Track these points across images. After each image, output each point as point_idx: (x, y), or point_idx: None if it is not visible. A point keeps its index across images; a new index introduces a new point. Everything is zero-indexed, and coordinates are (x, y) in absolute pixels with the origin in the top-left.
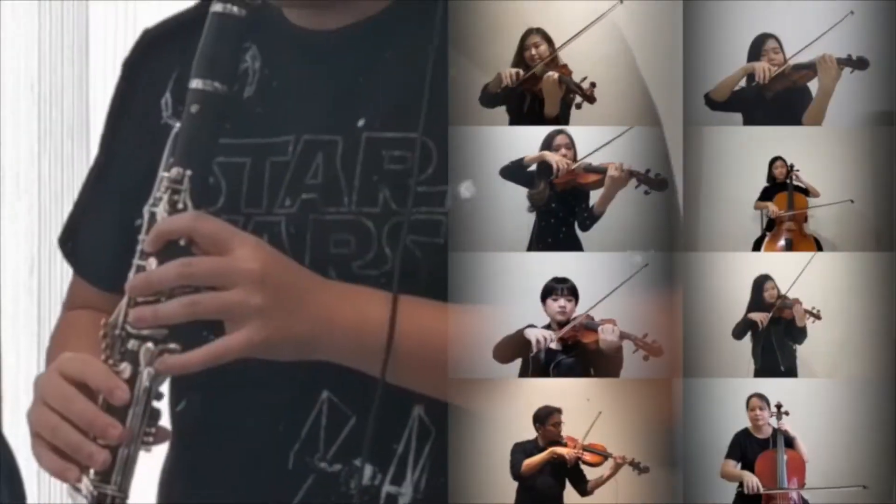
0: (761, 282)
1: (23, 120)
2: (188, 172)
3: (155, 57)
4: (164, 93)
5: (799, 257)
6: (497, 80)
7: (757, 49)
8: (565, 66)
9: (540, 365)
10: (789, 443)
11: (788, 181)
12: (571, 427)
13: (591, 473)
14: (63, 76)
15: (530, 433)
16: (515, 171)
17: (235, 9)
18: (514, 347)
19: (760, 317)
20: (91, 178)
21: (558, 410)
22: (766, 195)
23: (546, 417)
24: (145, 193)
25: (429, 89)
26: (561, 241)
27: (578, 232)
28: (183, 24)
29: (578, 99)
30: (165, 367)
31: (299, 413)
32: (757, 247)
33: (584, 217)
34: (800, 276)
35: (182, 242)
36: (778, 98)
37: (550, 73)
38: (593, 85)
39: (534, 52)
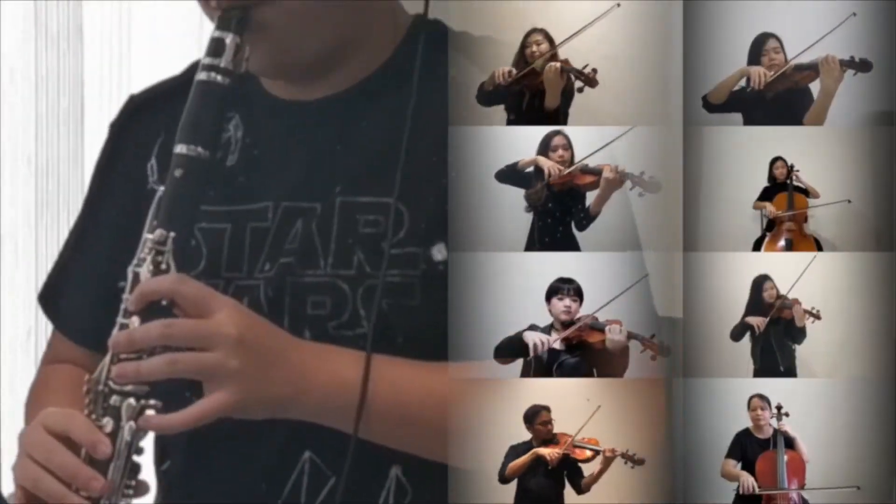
0: (760, 282)
1: (20, 191)
2: (171, 234)
3: (141, 122)
4: (150, 158)
5: (799, 257)
6: (491, 79)
7: (757, 49)
8: (566, 60)
9: (542, 365)
10: (790, 443)
11: (788, 181)
12: (573, 427)
13: (587, 470)
14: (59, 150)
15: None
16: (510, 175)
17: (219, 77)
18: (514, 349)
19: (757, 321)
20: (74, 235)
21: (546, 409)
22: (766, 195)
23: (533, 417)
24: (127, 255)
25: (403, 156)
26: (558, 240)
27: (575, 232)
28: (169, 91)
29: (580, 84)
30: (149, 425)
31: (282, 472)
32: (757, 247)
33: (581, 217)
34: (800, 276)
35: (164, 303)
36: (778, 98)
37: (552, 63)
38: (595, 71)
39: (535, 49)
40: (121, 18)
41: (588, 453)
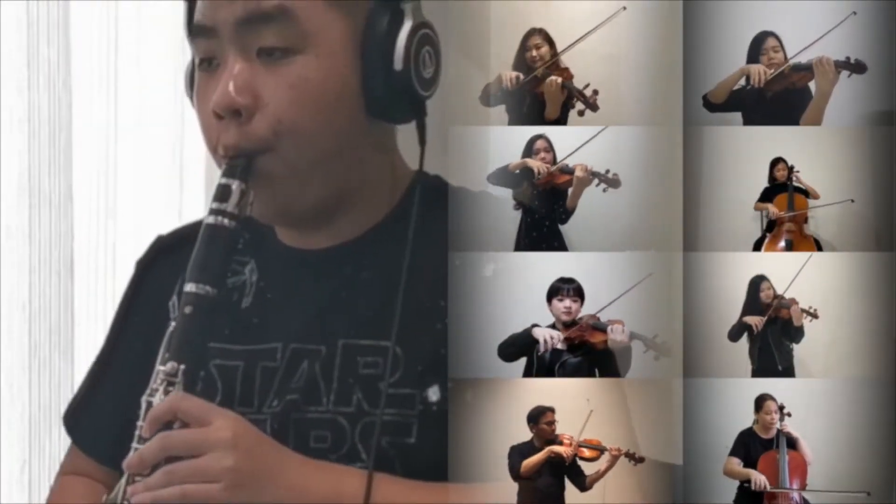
0: (757, 282)
1: (15, 335)
2: (182, 367)
3: (166, 261)
4: (172, 296)
5: (799, 258)
6: (497, 83)
7: (757, 48)
8: (567, 69)
9: (545, 365)
10: (792, 444)
11: (789, 182)
12: (575, 427)
13: (588, 469)
14: (50, 298)
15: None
16: (501, 177)
17: (226, 221)
18: (520, 346)
19: (755, 320)
20: (98, 363)
21: (551, 409)
22: (766, 196)
23: (538, 417)
24: (147, 385)
25: (400, 304)
26: (545, 235)
27: (560, 226)
28: (192, 234)
29: (580, 106)
30: (137, 495)
31: None
32: (757, 247)
33: (560, 212)
34: (797, 276)
35: (176, 426)
36: (778, 98)
37: (553, 77)
38: (596, 92)
39: (535, 53)
40: (108, 180)
41: (593, 452)
